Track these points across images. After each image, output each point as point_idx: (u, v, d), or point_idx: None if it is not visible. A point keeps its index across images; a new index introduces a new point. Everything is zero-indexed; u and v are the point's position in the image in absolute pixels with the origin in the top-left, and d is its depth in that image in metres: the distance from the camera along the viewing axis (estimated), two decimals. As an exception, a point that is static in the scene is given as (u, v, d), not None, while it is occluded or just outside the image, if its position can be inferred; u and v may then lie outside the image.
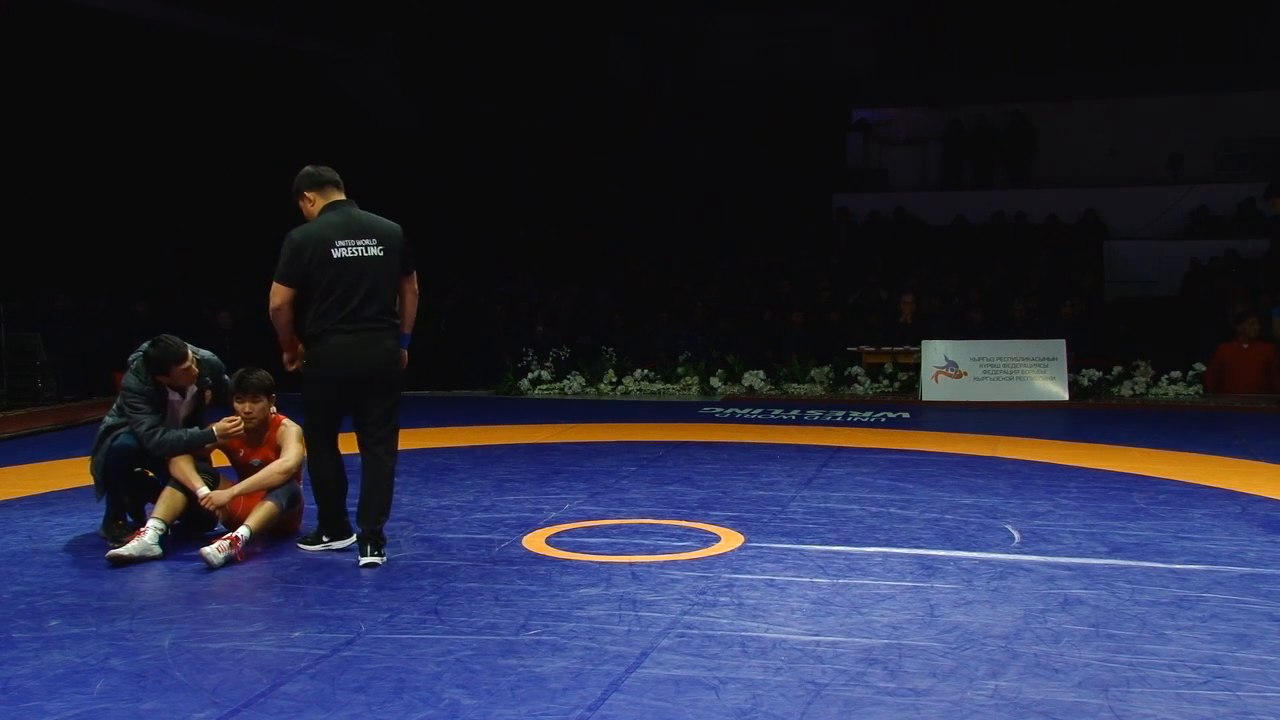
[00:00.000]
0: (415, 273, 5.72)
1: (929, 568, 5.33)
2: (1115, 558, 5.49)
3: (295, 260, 5.40)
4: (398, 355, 5.57)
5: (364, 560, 5.40)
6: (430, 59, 20.64)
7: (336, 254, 5.40)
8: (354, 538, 5.59)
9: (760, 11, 20.80)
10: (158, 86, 17.25)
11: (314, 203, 5.59)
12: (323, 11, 18.71)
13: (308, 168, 5.66)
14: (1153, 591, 4.92)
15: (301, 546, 5.75)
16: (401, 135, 20.16)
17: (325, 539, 5.73)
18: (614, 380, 12.85)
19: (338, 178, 5.64)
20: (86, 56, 16.24)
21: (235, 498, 5.88)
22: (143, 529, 5.68)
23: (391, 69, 20.40)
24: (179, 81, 17.45)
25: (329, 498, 5.70)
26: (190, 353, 6.01)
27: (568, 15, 20.65)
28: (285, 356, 5.65)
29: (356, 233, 5.48)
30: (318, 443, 5.64)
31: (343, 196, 5.61)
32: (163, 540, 5.68)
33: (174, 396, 6.05)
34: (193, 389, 6.09)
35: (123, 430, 5.95)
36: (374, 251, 5.48)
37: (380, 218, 5.64)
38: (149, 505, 5.93)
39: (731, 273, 15.82)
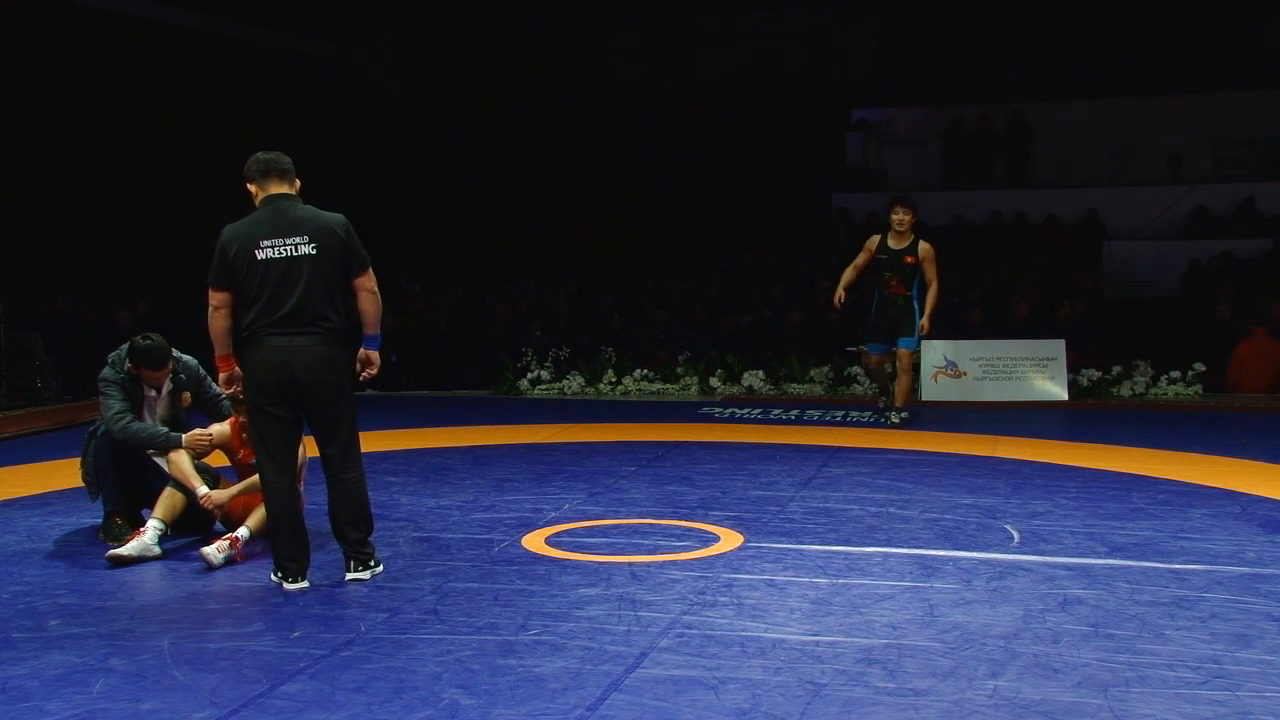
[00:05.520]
0: (370, 271, 5.19)
1: (928, 568, 5.33)
2: (1115, 558, 5.50)
3: (219, 261, 5.04)
4: (336, 362, 5.09)
5: (349, 576, 5.21)
6: (430, 58, 20.65)
7: (261, 255, 4.98)
8: (306, 583, 5.12)
9: (760, 11, 20.80)
10: (158, 86, 17.25)
11: (255, 196, 5.16)
12: (323, 11, 18.72)
13: (256, 155, 5.19)
14: (1152, 591, 4.92)
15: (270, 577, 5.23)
16: (401, 134, 20.17)
17: (278, 574, 5.15)
18: (613, 380, 12.85)
19: (285, 166, 5.16)
20: (86, 56, 16.23)
21: (235, 498, 5.89)
22: (142, 529, 5.68)
23: (392, 68, 20.41)
24: (179, 81, 17.45)
25: (274, 527, 5.16)
26: (171, 362, 6.06)
27: (568, 15, 20.65)
28: (221, 377, 5.28)
29: (286, 231, 5.02)
30: (263, 458, 5.12)
31: (285, 188, 5.15)
32: (162, 540, 5.69)
33: (150, 392, 6.08)
34: (168, 387, 6.12)
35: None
36: (305, 250, 5.01)
37: (319, 212, 5.16)
38: (145, 511, 5.94)
39: (731, 273, 15.82)
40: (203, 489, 5.78)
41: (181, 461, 5.82)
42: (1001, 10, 19.37)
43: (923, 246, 9.57)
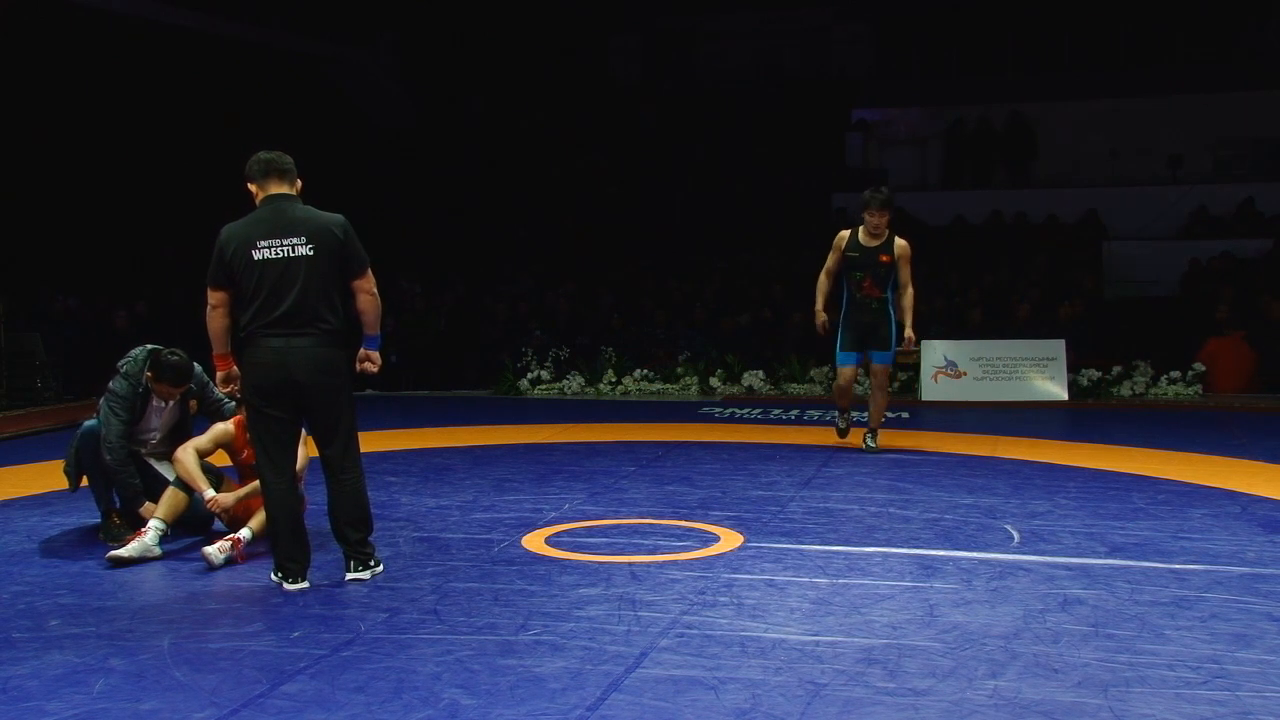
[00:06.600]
0: (369, 272, 5.17)
1: (928, 568, 5.33)
2: (1115, 558, 5.49)
3: (217, 261, 5.03)
4: (333, 363, 5.08)
5: (349, 576, 5.21)
6: (430, 58, 20.65)
7: (258, 255, 4.97)
8: (306, 583, 5.11)
9: (760, 11, 20.81)
10: (158, 86, 17.25)
11: (256, 196, 5.14)
12: (323, 11, 18.72)
13: (257, 154, 5.17)
14: (1152, 591, 4.92)
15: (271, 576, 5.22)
16: (401, 134, 20.17)
17: (278, 574, 5.15)
18: (613, 380, 12.86)
19: (286, 165, 5.15)
20: (86, 56, 16.24)
21: (240, 501, 5.89)
22: (143, 529, 5.68)
23: (391, 68, 20.42)
24: (179, 81, 17.45)
25: (274, 528, 5.16)
26: (191, 382, 6.11)
27: (568, 15, 20.65)
28: (219, 376, 5.27)
29: (284, 231, 4.99)
30: (262, 459, 5.11)
31: (286, 188, 5.13)
32: (163, 540, 5.69)
33: (158, 403, 6.10)
34: (176, 397, 6.17)
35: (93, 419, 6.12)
36: (303, 251, 4.98)
37: (318, 213, 5.13)
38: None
39: (731, 273, 15.83)
40: (209, 492, 5.77)
41: (187, 461, 5.81)
42: (1001, 10, 19.38)
43: (899, 244, 8.43)
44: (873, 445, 8.70)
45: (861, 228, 8.50)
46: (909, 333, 8.40)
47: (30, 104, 15.81)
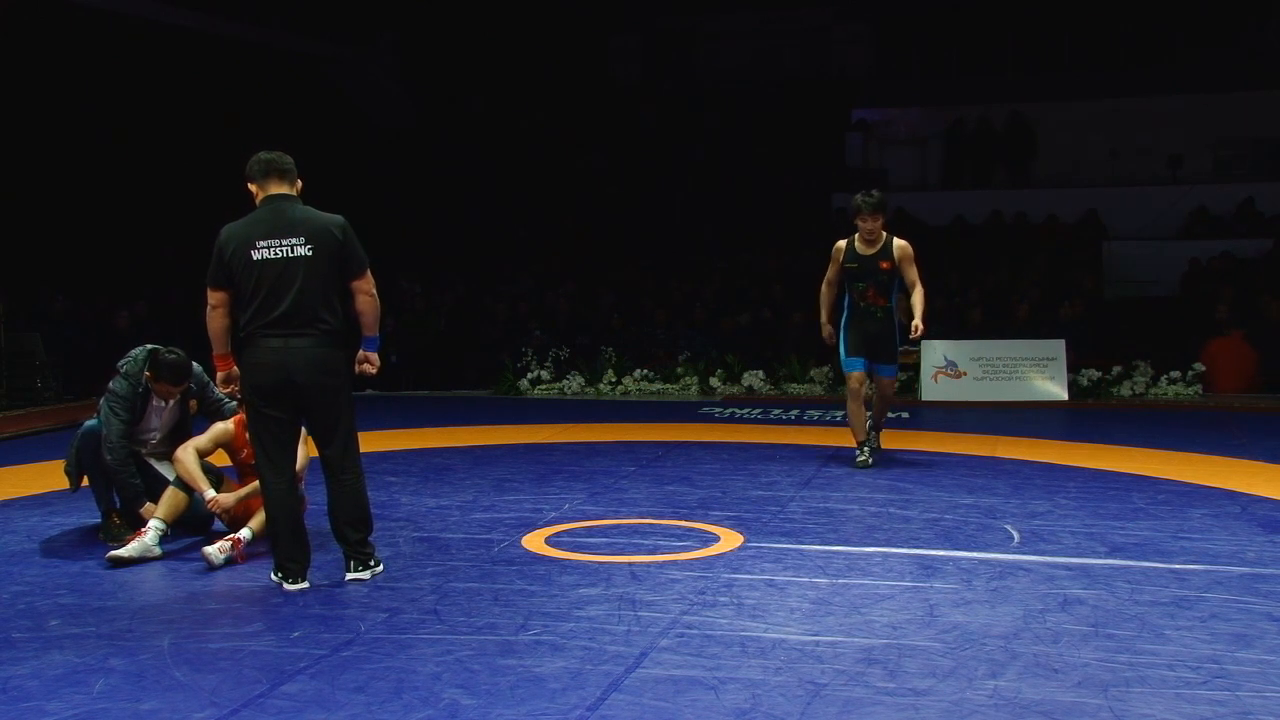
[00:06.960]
0: (368, 273, 5.17)
1: (928, 568, 5.33)
2: (1115, 558, 5.50)
3: (217, 261, 5.04)
4: (332, 363, 5.08)
5: (349, 576, 5.21)
6: (430, 59, 20.65)
7: (257, 255, 4.98)
8: (306, 583, 5.12)
9: (760, 11, 20.81)
10: (158, 86, 17.25)
11: (256, 196, 5.15)
12: (323, 11, 18.72)
13: (258, 154, 5.17)
14: (1152, 591, 4.92)
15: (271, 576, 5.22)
16: (401, 134, 20.18)
17: (278, 574, 5.16)
18: (613, 380, 12.86)
19: (286, 166, 5.15)
20: (87, 56, 16.23)
21: (240, 501, 5.89)
22: (143, 529, 5.69)
23: (391, 69, 20.42)
24: (179, 81, 17.45)
25: (274, 528, 5.16)
26: (189, 380, 6.12)
27: (568, 15, 20.65)
28: (219, 376, 5.28)
29: (283, 231, 5.00)
30: (262, 459, 5.12)
31: (286, 189, 5.13)
32: (163, 540, 5.69)
33: (158, 403, 6.10)
34: (177, 397, 6.18)
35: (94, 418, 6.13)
36: (301, 251, 4.99)
37: (317, 213, 5.13)
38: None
39: (731, 273, 15.83)
40: (210, 492, 5.78)
41: (187, 461, 5.82)
42: (1001, 10, 19.38)
43: (898, 246, 7.95)
44: (874, 444, 8.57)
45: (856, 235, 8.09)
46: (917, 322, 7.74)
47: (30, 104, 15.80)
